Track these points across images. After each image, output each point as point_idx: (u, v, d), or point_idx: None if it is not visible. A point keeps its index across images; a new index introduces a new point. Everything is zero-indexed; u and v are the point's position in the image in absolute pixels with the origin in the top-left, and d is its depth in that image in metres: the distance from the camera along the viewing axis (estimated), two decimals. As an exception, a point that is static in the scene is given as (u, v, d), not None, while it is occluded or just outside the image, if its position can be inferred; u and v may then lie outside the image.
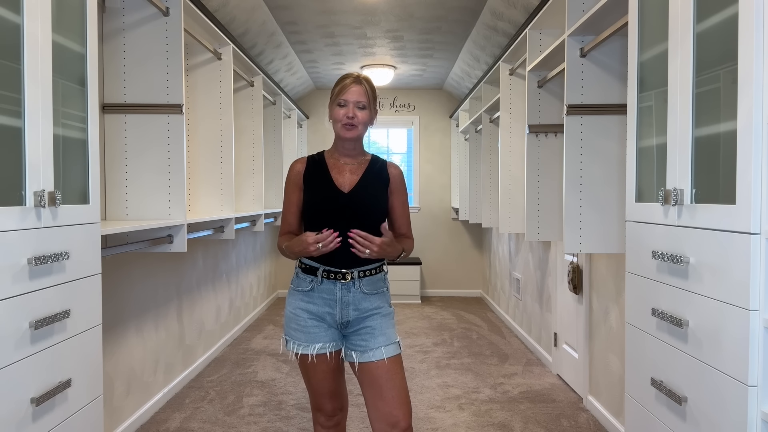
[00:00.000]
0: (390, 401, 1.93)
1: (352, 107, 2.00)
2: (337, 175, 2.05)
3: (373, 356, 1.96)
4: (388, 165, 2.13)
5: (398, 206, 2.11)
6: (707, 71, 1.49)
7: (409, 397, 1.98)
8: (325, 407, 2.09)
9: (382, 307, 2.03)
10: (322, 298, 2.01)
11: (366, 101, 2.01)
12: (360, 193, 2.02)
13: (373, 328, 1.98)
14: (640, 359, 1.79)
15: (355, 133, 2.02)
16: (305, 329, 2.02)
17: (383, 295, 2.06)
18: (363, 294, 2.00)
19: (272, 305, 6.79)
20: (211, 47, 3.52)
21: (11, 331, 1.47)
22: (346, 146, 2.07)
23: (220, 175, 3.63)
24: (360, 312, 2.00)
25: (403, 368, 2.03)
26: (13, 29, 1.49)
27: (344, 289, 1.99)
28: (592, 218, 2.76)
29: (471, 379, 4.02)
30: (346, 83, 2.01)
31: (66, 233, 1.68)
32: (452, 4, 4.17)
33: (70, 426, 1.70)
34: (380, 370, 1.95)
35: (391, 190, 2.10)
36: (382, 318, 2.01)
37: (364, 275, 2.01)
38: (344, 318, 2.00)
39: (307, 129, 7.30)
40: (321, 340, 2.00)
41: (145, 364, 3.31)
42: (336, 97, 2.02)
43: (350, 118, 1.99)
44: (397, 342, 2.03)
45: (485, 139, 5.02)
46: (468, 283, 7.37)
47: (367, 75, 2.07)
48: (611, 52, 2.70)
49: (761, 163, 1.27)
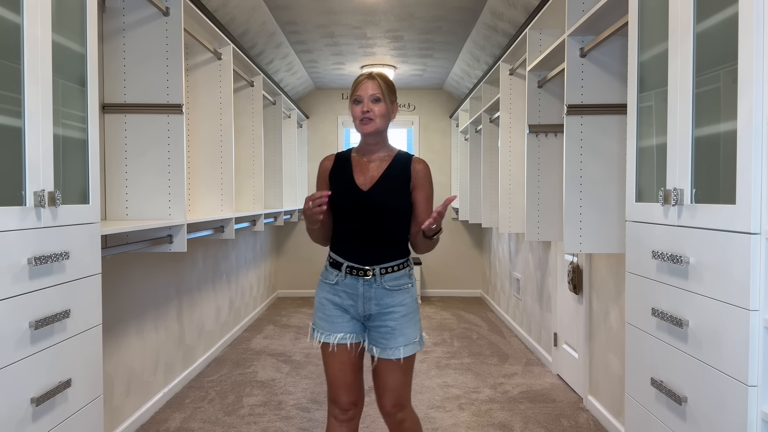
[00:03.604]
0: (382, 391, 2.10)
1: (367, 101, 2.03)
2: (359, 173, 2.09)
3: (392, 355, 2.04)
4: (414, 160, 2.12)
5: (422, 202, 2.10)
6: (707, 71, 1.49)
7: (403, 389, 2.09)
8: (341, 400, 2.11)
9: (405, 304, 2.07)
10: (345, 292, 2.07)
11: (380, 93, 2.04)
12: (378, 191, 2.05)
13: (393, 329, 2.04)
14: (640, 359, 1.79)
15: (373, 126, 2.04)
16: (329, 319, 2.09)
17: (407, 291, 2.09)
18: (384, 290, 2.05)
19: (272, 305, 6.79)
20: (211, 47, 3.52)
21: (11, 331, 1.47)
22: (368, 142, 2.10)
23: (220, 175, 3.63)
24: (381, 307, 2.05)
25: (412, 364, 2.11)
26: (13, 29, 1.49)
27: (366, 285, 2.05)
28: (592, 218, 2.76)
29: (471, 379, 4.02)
30: (359, 80, 2.07)
31: (66, 233, 1.68)
32: (452, 4, 4.17)
33: (70, 426, 1.70)
34: (392, 365, 2.06)
35: (414, 186, 2.09)
36: (403, 317, 2.05)
37: (386, 272, 2.06)
38: (366, 312, 2.07)
39: (307, 129, 7.31)
40: (343, 330, 2.07)
41: (145, 364, 3.31)
42: (351, 96, 2.07)
43: (365, 112, 2.02)
44: (417, 340, 2.08)
45: (485, 139, 5.02)
46: (468, 283, 7.37)
47: (382, 71, 2.08)
48: (611, 52, 2.70)
49: (761, 163, 1.27)
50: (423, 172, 2.10)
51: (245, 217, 4.66)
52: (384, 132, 2.11)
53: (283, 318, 6.11)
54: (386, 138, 2.14)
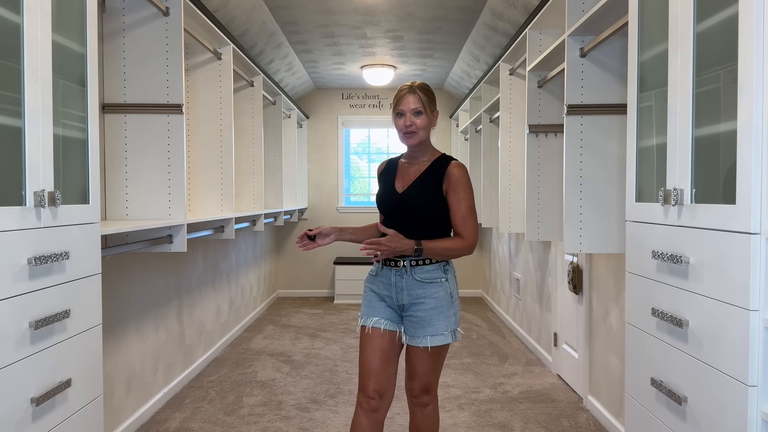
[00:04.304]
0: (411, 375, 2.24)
1: (409, 116, 2.18)
2: (401, 176, 2.28)
3: (419, 343, 2.17)
4: (450, 164, 2.21)
5: (453, 204, 2.19)
6: (707, 71, 1.49)
7: (431, 375, 2.22)
8: (367, 386, 2.19)
9: (436, 297, 2.17)
10: (382, 282, 2.24)
11: (421, 107, 2.18)
12: (410, 194, 2.21)
13: (422, 319, 2.16)
14: (640, 359, 1.79)
15: (416, 139, 2.20)
16: (369, 304, 2.27)
17: (440, 285, 2.19)
18: (416, 281, 2.18)
19: (272, 305, 6.79)
20: (211, 47, 3.52)
21: (11, 331, 1.47)
22: (411, 150, 2.28)
23: (220, 175, 3.63)
24: (413, 298, 2.18)
25: (442, 353, 2.22)
26: (13, 29, 1.49)
27: (398, 276, 2.20)
28: (592, 218, 2.76)
29: (471, 379, 4.02)
30: (401, 94, 2.21)
31: (66, 233, 1.68)
32: (452, 4, 4.17)
33: (70, 426, 1.70)
34: (420, 351, 2.18)
35: (447, 189, 2.19)
36: (433, 309, 2.16)
37: (417, 264, 2.18)
38: (399, 301, 2.21)
39: (307, 129, 7.30)
40: (378, 315, 2.23)
41: (145, 364, 3.31)
42: (394, 108, 2.22)
43: (408, 126, 2.18)
44: (446, 333, 2.17)
45: (485, 139, 5.01)
46: (468, 283, 7.37)
47: (422, 82, 2.23)
48: (611, 52, 2.70)
49: (761, 163, 1.27)
50: (456, 175, 2.18)
51: (245, 217, 4.66)
52: (426, 140, 2.25)
53: (283, 318, 6.11)
54: (428, 144, 2.27)
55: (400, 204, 2.21)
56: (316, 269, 7.42)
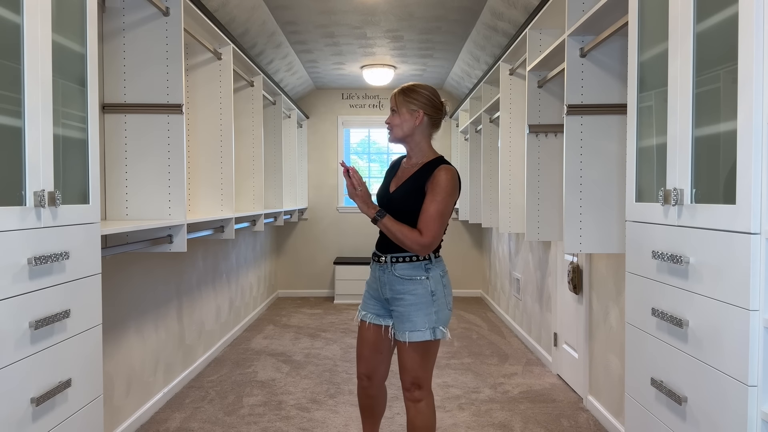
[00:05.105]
0: (401, 368, 2.33)
1: (390, 114, 2.32)
2: (397, 175, 2.38)
3: (399, 337, 2.28)
4: (438, 168, 2.25)
5: (425, 203, 2.22)
6: (707, 71, 1.49)
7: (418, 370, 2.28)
8: (359, 368, 2.45)
9: (415, 294, 2.25)
10: (373, 277, 2.39)
11: (394, 105, 2.29)
12: (398, 195, 2.30)
13: (402, 314, 2.27)
14: (640, 359, 1.79)
15: (393, 135, 2.32)
16: (364, 298, 2.45)
17: (419, 283, 2.25)
18: (395, 277, 2.28)
19: (272, 305, 6.79)
20: (211, 47, 3.52)
21: (11, 331, 1.47)
22: (406, 149, 2.38)
23: (220, 175, 3.63)
24: (394, 293, 2.29)
25: (426, 350, 2.27)
26: (13, 29, 1.49)
27: (381, 270, 2.33)
28: (592, 218, 2.76)
29: (471, 379, 4.02)
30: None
31: (66, 233, 1.68)
32: (452, 4, 4.17)
33: (70, 426, 1.70)
34: (404, 345, 2.28)
35: (426, 190, 2.24)
36: (411, 305, 2.25)
37: (397, 261, 2.28)
38: (384, 295, 2.33)
39: (307, 129, 7.30)
40: (366, 310, 2.41)
41: (145, 364, 3.31)
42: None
43: (386, 123, 2.34)
44: (423, 330, 2.23)
45: (485, 139, 5.01)
46: (468, 283, 7.37)
47: (411, 84, 2.33)
48: (611, 52, 2.70)
49: (761, 163, 1.27)
50: (437, 178, 2.22)
51: (245, 217, 4.66)
52: (411, 139, 2.31)
53: (283, 318, 6.11)
54: (420, 145, 2.32)
55: (389, 203, 2.31)
56: (316, 269, 7.42)
